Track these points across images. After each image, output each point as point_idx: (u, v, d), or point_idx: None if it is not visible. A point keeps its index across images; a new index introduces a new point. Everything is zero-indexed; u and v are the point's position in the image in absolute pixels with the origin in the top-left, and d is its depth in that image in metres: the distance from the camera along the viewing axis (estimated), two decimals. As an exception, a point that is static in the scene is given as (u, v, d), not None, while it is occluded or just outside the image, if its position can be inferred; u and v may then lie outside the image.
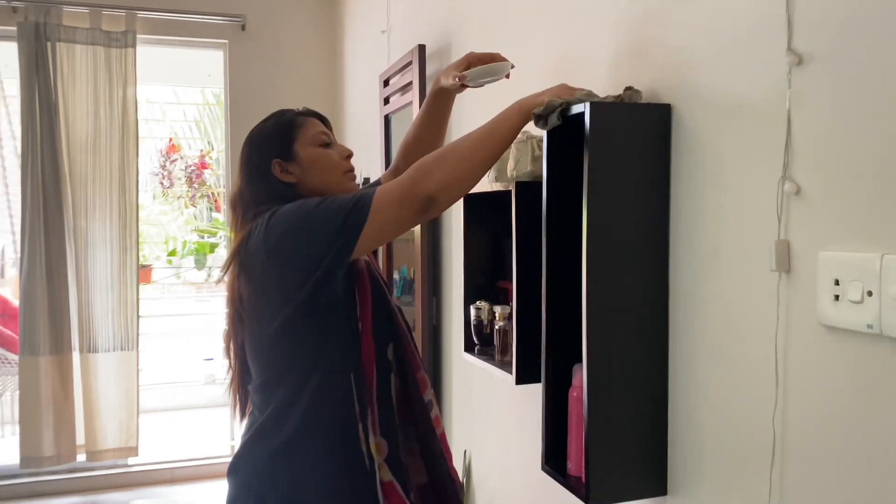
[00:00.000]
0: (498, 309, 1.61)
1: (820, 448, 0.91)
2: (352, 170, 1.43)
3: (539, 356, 1.45)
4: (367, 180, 2.60)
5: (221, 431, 4.64)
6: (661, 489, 1.22)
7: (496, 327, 1.60)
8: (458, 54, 2.16)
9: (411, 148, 1.61)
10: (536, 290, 1.44)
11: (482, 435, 2.05)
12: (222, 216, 5.65)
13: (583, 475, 1.24)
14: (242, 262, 1.31)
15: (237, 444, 4.13)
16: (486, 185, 1.62)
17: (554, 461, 1.33)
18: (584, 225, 1.15)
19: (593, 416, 1.16)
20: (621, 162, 1.16)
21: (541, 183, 1.43)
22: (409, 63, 2.36)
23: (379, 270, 1.46)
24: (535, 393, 1.64)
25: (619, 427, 1.19)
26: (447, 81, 1.47)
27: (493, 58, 1.43)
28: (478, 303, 1.68)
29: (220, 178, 5.51)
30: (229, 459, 4.35)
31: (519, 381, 1.46)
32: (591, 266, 1.15)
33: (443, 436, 1.45)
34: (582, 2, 1.47)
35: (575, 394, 1.28)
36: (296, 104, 1.49)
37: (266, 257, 1.26)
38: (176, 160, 5.39)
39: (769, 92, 0.98)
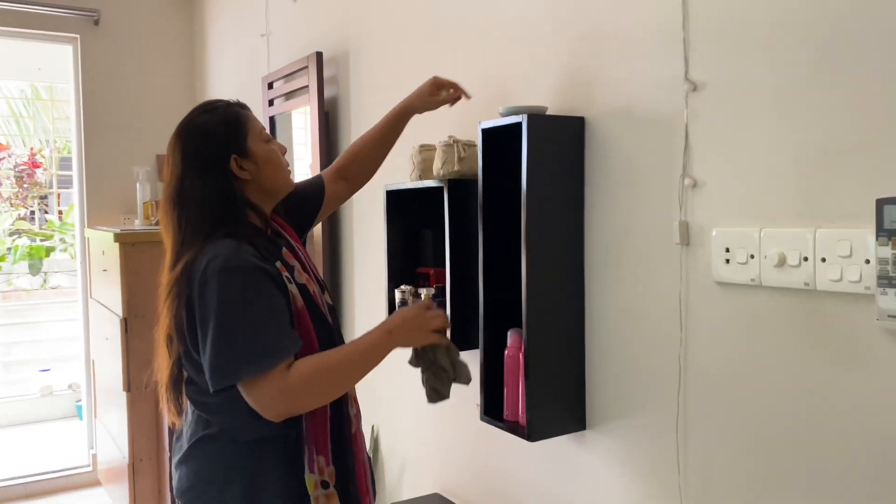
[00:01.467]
0: (423, 291, 1.84)
1: (716, 376, 1.24)
2: (288, 165, 1.48)
3: (467, 328, 1.71)
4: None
5: (71, 443, 4.45)
6: (581, 425, 1.52)
7: (423, 307, 1.82)
8: (358, 61, 2.35)
9: (364, 153, 1.72)
10: (466, 272, 1.70)
11: (392, 407, 2.27)
12: (56, 219, 5.32)
13: (519, 419, 1.51)
14: (182, 291, 1.29)
15: (99, 451, 3.93)
16: (408, 181, 1.85)
17: (491, 412, 1.59)
18: (523, 216, 1.41)
19: (531, 369, 1.43)
20: (548, 163, 1.44)
21: (467, 180, 1.69)
22: (304, 68, 2.51)
23: (315, 287, 1.45)
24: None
25: (549, 376, 1.47)
26: (422, 105, 1.68)
27: (455, 84, 1.68)
28: (402, 286, 1.89)
29: (53, 178, 5.20)
30: (88, 469, 4.27)
31: (453, 349, 1.70)
32: (528, 248, 1.41)
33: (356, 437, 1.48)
34: (498, 22, 1.73)
35: (510, 353, 1.54)
36: (154, 102, 1.48)
37: (193, 314, 1.27)
38: (3, 158, 5.00)
39: (670, 110, 1.30)
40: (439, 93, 1.67)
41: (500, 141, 1.53)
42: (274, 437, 1.35)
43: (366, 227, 2.35)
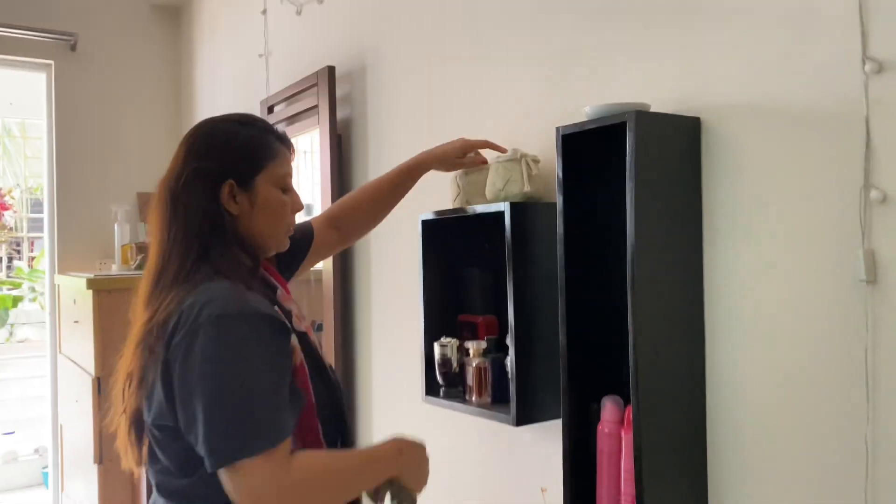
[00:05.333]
0: (472, 345, 1.47)
1: (928, 460, 0.89)
2: (294, 226, 1.23)
3: (535, 396, 1.35)
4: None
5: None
6: (702, 514, 1.15)
7: (473, 364, 1.46)
8: (377, 77, 2.02)
9: (364, 204, 1.52)
10: (531, 320, 1.34)
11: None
12: (25, 265, 4.89)
13: (623, 515, 1.14)
14: (153, 348, 1.04)
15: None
16: (444, 204, 1.50)
17: (581, 502, 1.21)
18: (629, 246, 1.07)
19: (644, 448, 1.07)
20: (656, 175, 1.10)
21: (535, 204, 1.36)
22: (312, 86, 2.18)
23: (314, 337, 1.22)
24: (513, 434, 1.52)
25: (663, 456, 1.11)
26: (441, 165, 1.51)
27: (487, 143, 1.48)
28: (443, 339, 1.52)
29: (24, 221, 4.80)
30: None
31: (519, 422, 1.33)
32: (635, 289, 1.07)
33: None
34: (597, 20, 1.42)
35: (606, 429, 1.18)
36: (136, 134, 1.22)
37: (177, 379, 1.01)
38: (-32, 200, 4.61)
39: (837, 100, 0.97)
40: (465, 156, 1.50)
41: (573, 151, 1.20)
42: None
43: (388, 266, 1.99)
